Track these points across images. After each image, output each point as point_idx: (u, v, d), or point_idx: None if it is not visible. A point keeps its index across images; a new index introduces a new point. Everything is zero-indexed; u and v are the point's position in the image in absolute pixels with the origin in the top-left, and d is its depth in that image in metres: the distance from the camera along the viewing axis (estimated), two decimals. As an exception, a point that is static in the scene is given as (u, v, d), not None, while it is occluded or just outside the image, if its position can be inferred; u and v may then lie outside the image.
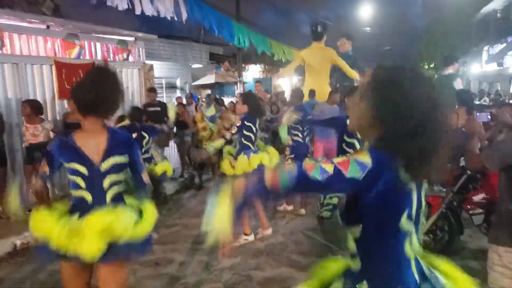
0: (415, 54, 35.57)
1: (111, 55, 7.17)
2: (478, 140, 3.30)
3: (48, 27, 5.82)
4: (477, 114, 2.34)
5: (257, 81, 9.42)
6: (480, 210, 3.48)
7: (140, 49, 8.07)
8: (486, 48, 18.04)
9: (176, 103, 8.39)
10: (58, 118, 5.85)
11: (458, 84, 5.40)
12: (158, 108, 6.42)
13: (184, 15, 7.51)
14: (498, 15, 17.97)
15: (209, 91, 15.36)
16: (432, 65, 31.80)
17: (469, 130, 2.27)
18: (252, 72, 18.73)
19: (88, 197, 2.05)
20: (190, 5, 8.14)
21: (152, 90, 6.91)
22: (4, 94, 5.17)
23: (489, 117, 2.35)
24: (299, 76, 26.13)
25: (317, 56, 8.33)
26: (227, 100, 10.68)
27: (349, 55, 8.59)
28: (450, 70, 5.58)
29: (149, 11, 6.38)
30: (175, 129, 7.23)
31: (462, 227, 3.72)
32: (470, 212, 3.56)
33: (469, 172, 3.52)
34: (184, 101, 8.89)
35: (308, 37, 8.76)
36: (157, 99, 7.24)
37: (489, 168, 2.10)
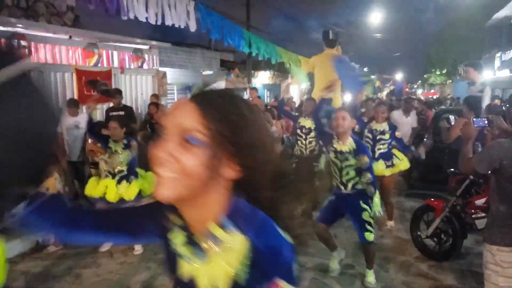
0: (426, 60, 35.45)
1: (127, 62, 7.47)
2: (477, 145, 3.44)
3: (70, 37, 6.14)
4: (474, 119, 2.45)
5: (252, 88, 9.41)
6: (483, 214, 3.58)
7: (154, 56, 8.37)
8: (498, 54, 17.92)
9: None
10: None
11: (487, 93, 5.40)
12: (122, 112, 5.77)
13: (193, 25, 7.76)
14: (511, 21, 17.88)
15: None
16: (444, 71, 31.67)
17: (464, 134, 2.40)
18: (261, 78, 18.97)
19: None
20: (201, 14, 8.40)
21: (115, 92, 5.95)
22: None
23: (486, 122, 2.47)
24: (309, 82, 26.29)
25: (327, 63, 8.39)
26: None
27: None
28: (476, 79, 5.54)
29: (160, 20, 6.64)
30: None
31: (466, 231, 3.81)
32: (473, 216, 3.66)
33: (471, 176, 3.64)
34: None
35: (318, 43, 8.92)
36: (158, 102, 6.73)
37: (479, 171, 2.23)
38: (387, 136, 4.73)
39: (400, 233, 4.73)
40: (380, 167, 4.64)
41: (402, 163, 4.83)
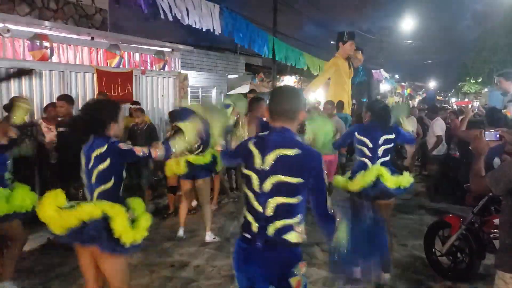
0: (460, 67, 34.11)
1: (149, 64, 7.61)
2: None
3: (92, 38, 6.32)
4: (485, 132, 2.25)
5: (251, 91, 8.48)
6: (502, 234, 3.33)
7: (177, 59, 8.48)
8: (537, 63, 16.98)
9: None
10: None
11: None
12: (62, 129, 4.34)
13: (218, 29, 7.81)
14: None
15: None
16: (479, 79, 30.33)
17: (475, 150, 2.21)
18: (287, 83, 18.84)
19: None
20: (226, 19, 8.45)
21: (60, 97, 4.53)
22: (50, 99, 5.65)
23: (498, 136, 2.26)
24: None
25: (345, 64, 8.36)
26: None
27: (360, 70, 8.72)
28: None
29: (189, 22, 6.71)
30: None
31: (484, 251, 3.56)
32: (491, 235, 3.42)
33: (490, 193, 3.39)
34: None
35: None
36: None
37: (494, 192, 2.05)
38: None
39: (414, 249, 4.50)
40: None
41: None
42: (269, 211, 1.79)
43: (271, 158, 1.79)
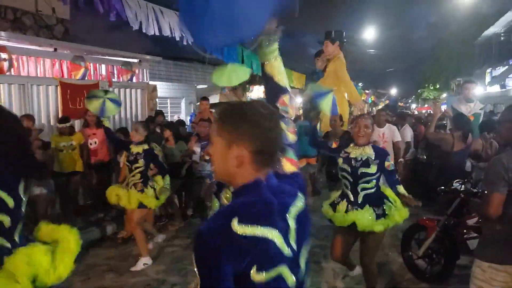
0: (419, 75, 35.89)
1: (115, 76, 7.37)
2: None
3: (55, 49, 6.04)
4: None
5: (204, 98, 7.83)
6: (475, 234, 3.46)
7: (144, 70, 8.29)
8: (489, 70, 18.17)
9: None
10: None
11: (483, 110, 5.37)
12: None
13: (189, 37, 7.71)
14: (502, 38, 18.17)
15: (212, 111, 15.55)
16: (437, 86, 31.98)
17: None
18: (257, 93, 18.95)
19: None
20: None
21: None
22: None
23: None
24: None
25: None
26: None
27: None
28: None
29: (156, 31, 6.55)
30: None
31: (458, 251, 3.67)
32: (465, 236, 3.53)
33: (462, 195, 3.52)
34: None
35: (312, 58, 8.18)
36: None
37: (502, 192, 2.09)
38: (373, 168, 3.06)
39: (391, 252, 4.57)
40: (367, 218, 3.03)
41: (397, 211, 3.10)
42: None
43: (292, 226, 1.17)
